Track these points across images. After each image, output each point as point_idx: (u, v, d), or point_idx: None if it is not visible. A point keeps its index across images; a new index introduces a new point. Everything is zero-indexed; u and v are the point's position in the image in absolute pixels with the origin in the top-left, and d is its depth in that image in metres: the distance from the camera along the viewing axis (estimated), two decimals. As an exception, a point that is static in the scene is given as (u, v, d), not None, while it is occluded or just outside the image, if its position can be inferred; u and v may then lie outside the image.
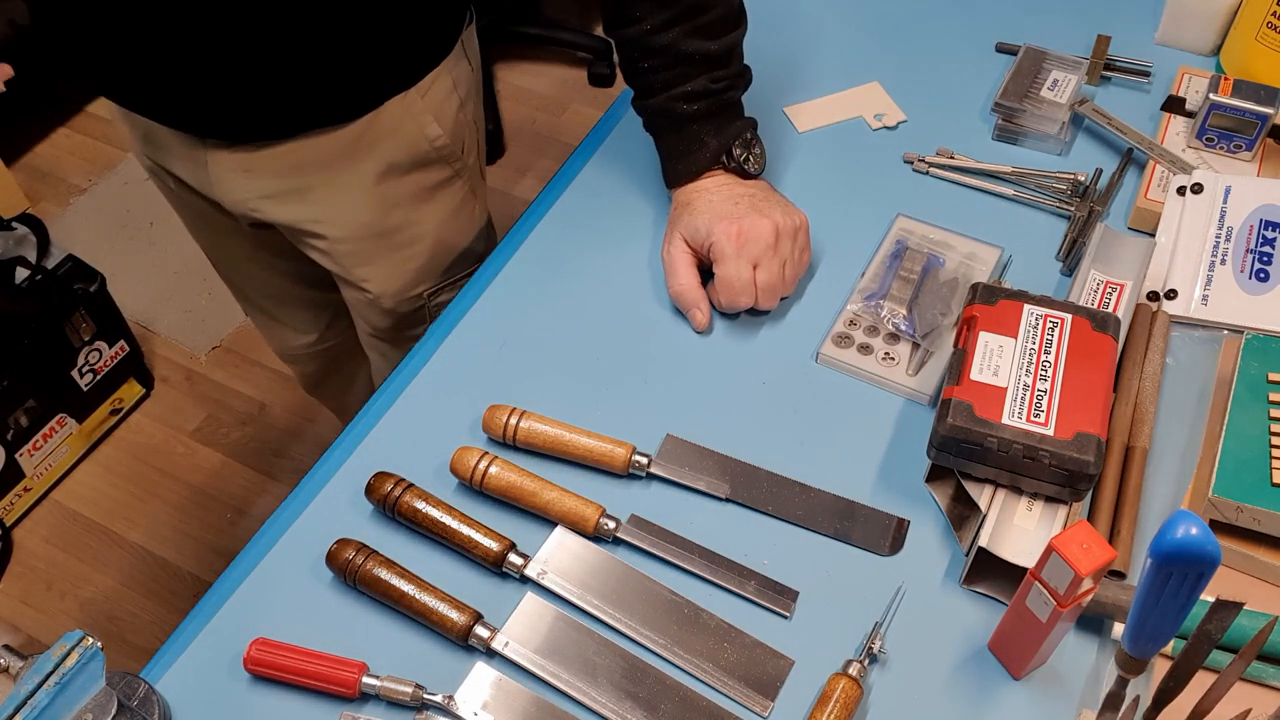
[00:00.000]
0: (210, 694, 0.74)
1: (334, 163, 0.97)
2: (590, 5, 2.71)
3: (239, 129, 0.95)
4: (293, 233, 1.05)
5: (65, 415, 1.88)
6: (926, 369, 0.89)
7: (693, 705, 0.73)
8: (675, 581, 0.78)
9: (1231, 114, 0.99)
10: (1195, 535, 0.53)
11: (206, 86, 0.91)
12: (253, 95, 0.91)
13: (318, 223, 1.02)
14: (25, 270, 1.76)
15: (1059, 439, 0.74)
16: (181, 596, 1.80)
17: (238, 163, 0.98)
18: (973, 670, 0.74)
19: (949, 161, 1.04)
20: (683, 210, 0.94)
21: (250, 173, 0.98)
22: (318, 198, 1.00)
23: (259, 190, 1.00)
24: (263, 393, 2.06)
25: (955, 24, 1.18)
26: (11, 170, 2.31)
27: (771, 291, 0.91)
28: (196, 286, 2.19)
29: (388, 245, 1.05)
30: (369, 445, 0.87)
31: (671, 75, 0.92)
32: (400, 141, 0.99)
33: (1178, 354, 0.90)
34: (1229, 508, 0.76)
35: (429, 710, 0.72)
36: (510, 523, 0.81)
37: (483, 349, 0.93)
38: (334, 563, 0.77)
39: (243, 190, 1.00)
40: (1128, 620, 0.61)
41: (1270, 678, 0.72)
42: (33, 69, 1.98)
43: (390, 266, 1.07)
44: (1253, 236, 0.93)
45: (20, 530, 1.88)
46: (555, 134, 2.46)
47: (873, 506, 0.82)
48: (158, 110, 0.96)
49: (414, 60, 0.97)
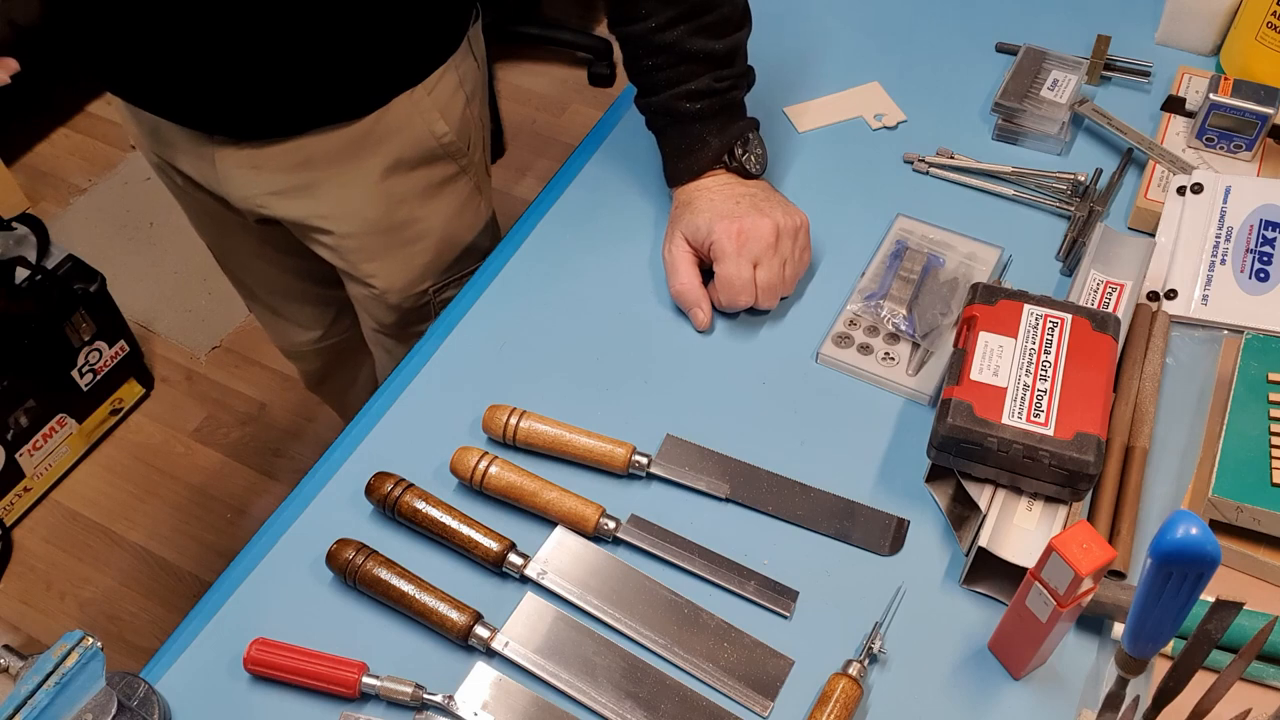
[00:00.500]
0: (210, 694, 0.74)
1: (341, 159, 0.98)
2: (590, 5, 2.71)
3: (246, 125, 0.95)
4: (299, 229, 1.06)
5: (65, 415, 1.88)
6: (926, 369, 0.89)
7: (693, 705, 0.73)
8: (675, 581, 0.78)
9: (1231, 114, 0.99)
10: (1195, 535, 0.53)
11: (214, 83, 0.91)
12: (260, 92, 0.91)
13: (324, 218, 1.02)
14: (25, 270, 1.76)
15: (1059, 439, 0.74)
16: (181, 596, 1.80)
17: (245, 159, 0.98)
18: (973, 670, 0.74)
19: (949, 161, 1.04)
20: (684, 209, 0.94)
21: (258, 169, 0.98)
22: (325, 194, 1.00)
23: (266, 186, 1.00)
24: (263, 393, 2.06)
25: (955, 24, 1.18)
26: (11, 170, 2.31)
27: (771, 291, 0.91)
28: (196, 286, 2.19)
29: (394, 241, 1.06)
30: (369, 445, 0.87)
31: (675, 74, 0.92)
32: (407, 138, 0.99)
33: (1178, 354, 0.90)
34: (1229, 508, 0.76)
35: (429, 710, 0.72)
36: (510, 523, 0.81)
37: (483, 348, 0.93)
38: (334, 563, 0.77)
39: (250, 186, 1.00)
40: (1128, 620, 0.61)
41: (1270, 678, 0.72)
42: (34, 69, 1.98)
43: (396, 262, 1.07)
44: (1253, 236, 0.93)
45: (20, 530, 1.88)
46: (555, 134, 2.46)
47: (873, 506, 0.82)
48: (165, 107, 0.96)
49: (421, 57, 0.97)
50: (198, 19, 0.86)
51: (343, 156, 0.97)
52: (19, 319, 1.74)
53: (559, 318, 0.94)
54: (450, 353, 0.92)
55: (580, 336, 0.93)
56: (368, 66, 0.93)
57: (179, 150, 1.02)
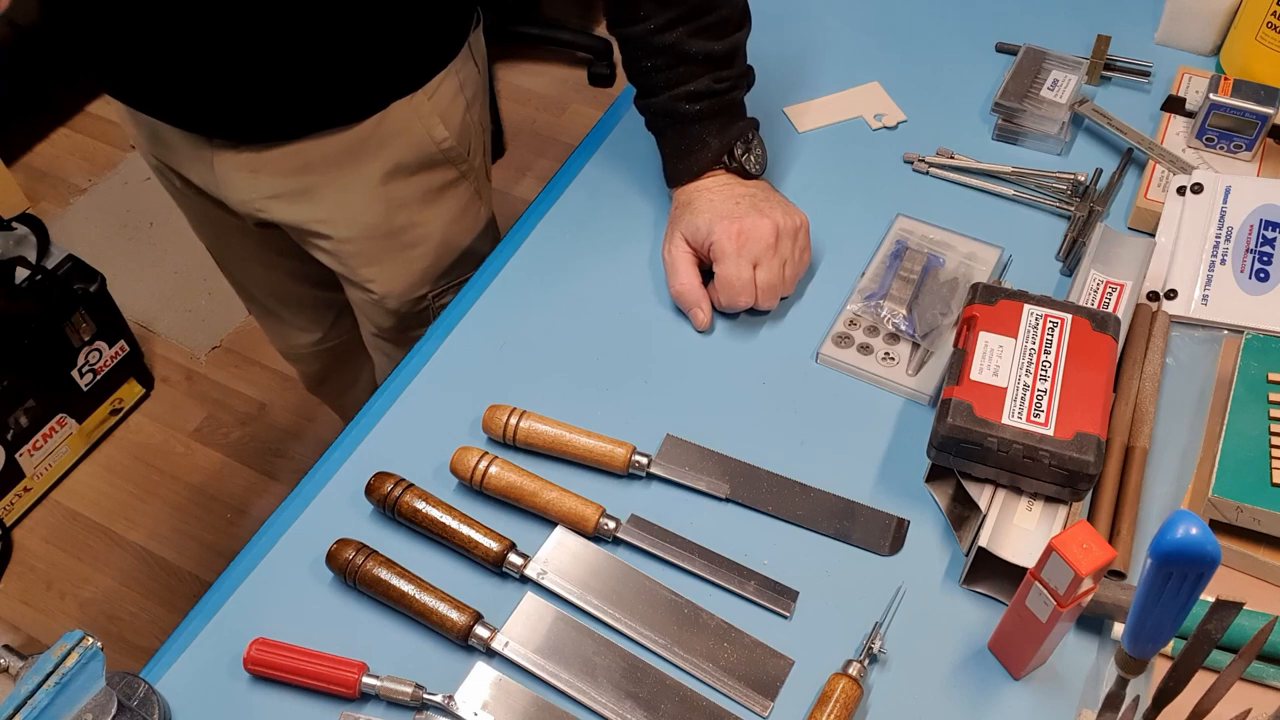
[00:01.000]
0: (210, 694, 0.74)
1: (341, 163, 0.98)
2: (590, 5, 2.71)
3: (246, 129, 0.95)
4: (298, 233, 1.05)
5: (65, 415, 1.88)
6: (926, 369, 0.89)
7: (693, 705, 0.73)
8: (675, 581, 0.78)
9: (1231, 114, 0.99)
10: (1195, 535, 0.53)
11: (214, 87, 0.91)
12: (260, 96, 0.91)
13: (323, 223, 1.02)
14: (25, 270, 1.76)
15: (1059, 439, 0.74)
16: (181, 596, 1.80)
17: (244, 163, 0.98)
18: (973, 670, 0.74)
19: (949, 161, 1.04)
20: (684, 210, 0.94)
21: (256, 173, 0.98)
22: (324, 198, 1.00)
23: (265, 190, 1.00)
24: (263, 393, 2.06)
25: (955, 24, 1.18)
26: (11, 170, 2.31)
27: (771, 291, 0.91)
28: (196, 286, 2.19)
29: (393, 246, 1.05)
30: (369, 445, 0.87)
31: (674, 75, 0.91)
32: (407, 143, 0.99)
33: (1178, 354, 0.90)
34: (1229, 508, 0.76)
35: (429, 710, 0.72)
36: (510, 523, 0.81)
37: (483, 349, 0.93)
38: (334, 563, 0.77)
39: (249, 190, 1.00)
40: (1128, 620, 0.61)
41: (1270, 678, 0.72)
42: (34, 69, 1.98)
43: (395, 267, 1.07)
44: (1253, 236, 0.93)
45: (20, 530, 1.88)
46: (555, 134, 2.46)
47: (873, 506, 0.82)
48: (165, 110, 0.96)
49: (422, 62, 0.97)
50: (196, 22, 0.86)
51: (342, 161, 0.97)
52: (19, 319, 1.74)
53: (559, 318, 0.94)
54: (450, 353, 0.92)
55: (580, 336, 0.93)
56: (367, 70, 0.93)
57: (178, 153, 1.02)
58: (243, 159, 0.97)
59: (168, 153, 1.04)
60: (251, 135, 0.95)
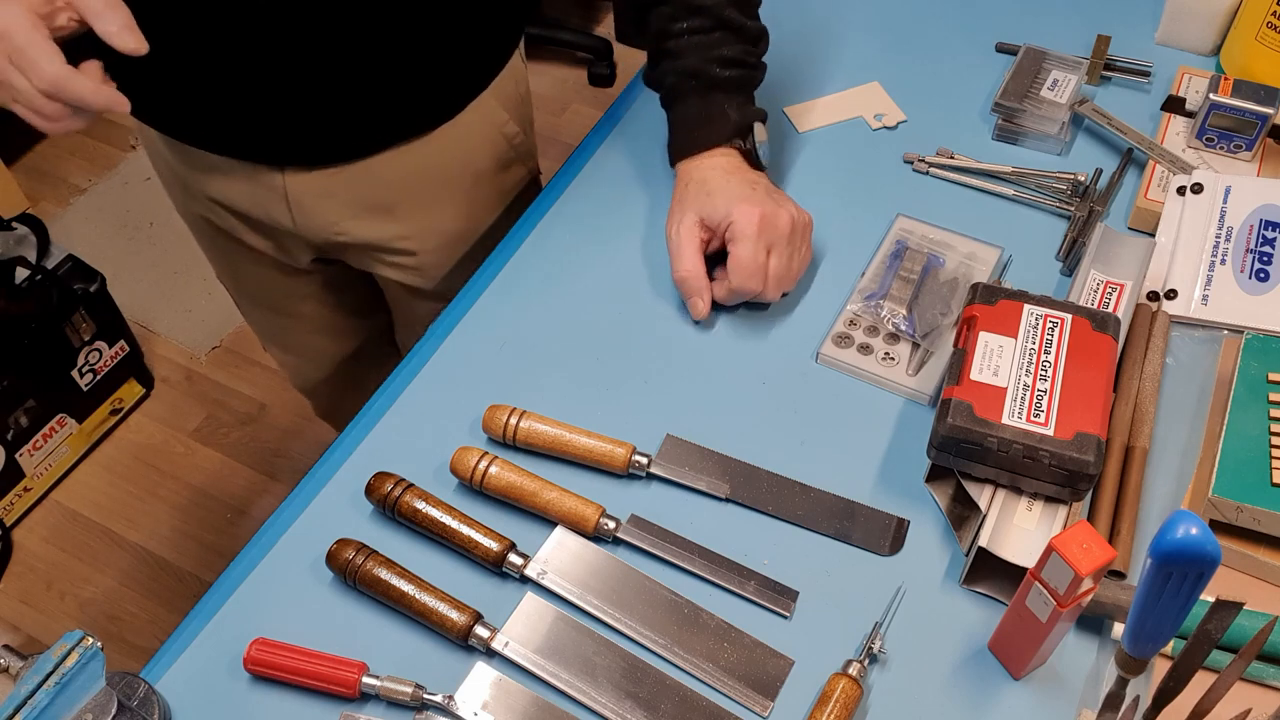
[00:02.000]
0: (210, 694, 0.74)
1: (420, 176, 0.97)
2: (590, 5, 2.71)
3: (319, 152, 0.93)
4: (372, 253, 1.04)
5: (65, 415, 1.88)
6: (926, 369, 0.89)
7: (693, 705, 0.73)
8: (675, 581, 0.78)
9: (1231, 114, 0.99)
10: (1195, 535, 0.53)
11: (283, 114, 0.89)
12: (331, 116, 0.90)
13: (406, 239, 1.01)
14: (25, 270, 1.77)
15: (1059, 439, 0.74)
16: (181, 596, 1.80)
17: (319, 187, 0.96)
18: (973, 670, 0.74)
19: (949, 161, 1.04)
20: (697, 188, 0.92)
21: (333, 196, 0.97)
22: (406, 213, 0.99)
23: (344, 212, 0.98)
24: (263, 393, 2.06)
25: (955, 24, 1.18)
26: (11, 170, 2.31)
27: (780, 280, 0.91)
28: (196, 286, 2.19)
29: (474, 253, 1.05)
30: (369, 445, 0.87)
31: (710, 39, 0.92)
32: (482, 143, 0.99)
33: (1178, 354, 0.90)
34: (1229, 508, 0.76)
35: (429, 710, 0.72)
36: (510, 523, 0.81)
37: (483, 349, 0.93)
38: (334, 563, 0.77)
39: (326, 214, 0.98)
40: (1128, 620, 0.61)
41: (1270, 678, 0.72)
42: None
43: (465, 275, 1.05)
44: (1253, 236, 0.93)
45: (20, 530, 1.88)
46: (555, 134, 2.46)
47: (873, 506, 0.82)
48: (233, 145, 0.94)
49: (489, 60, 0.97)
50: (261, 51, 0.85)
51: (421, 173, 0.96)
52: (19, 319, 1.75)
53: (559, 317, 0.94)
54: (450, 353, 0.92)
55: (581, 336, 0.93)
56: (438, 76, 0.92)
57: (243, 190, 0.98)
58: (317, 184, 0.96)
59: (228, 190, 1.00)
60: (325, 157, 0.94)
